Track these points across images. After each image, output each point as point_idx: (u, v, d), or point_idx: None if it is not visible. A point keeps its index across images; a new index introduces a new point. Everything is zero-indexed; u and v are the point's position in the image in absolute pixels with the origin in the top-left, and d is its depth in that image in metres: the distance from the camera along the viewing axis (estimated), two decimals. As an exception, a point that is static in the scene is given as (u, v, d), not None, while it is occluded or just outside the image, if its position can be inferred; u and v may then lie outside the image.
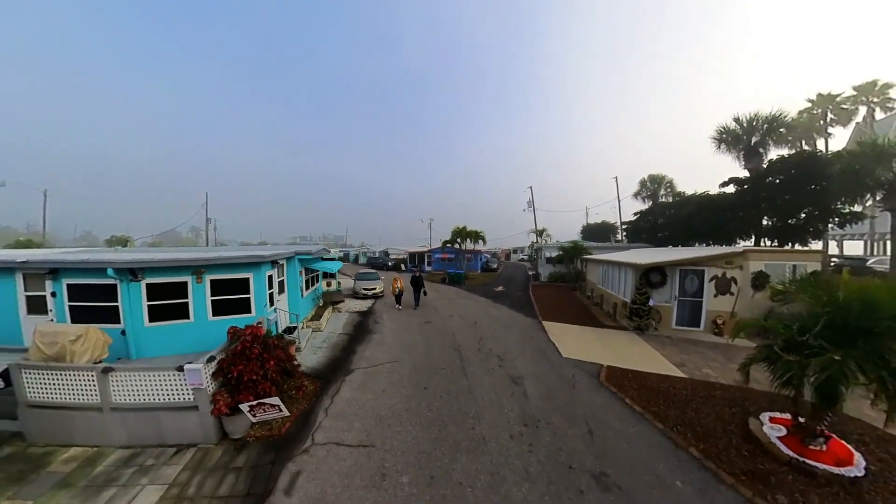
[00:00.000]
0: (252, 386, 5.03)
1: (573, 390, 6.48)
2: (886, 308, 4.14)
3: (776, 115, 17.95)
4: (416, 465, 4.32)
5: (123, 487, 4.27)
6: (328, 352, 9.07)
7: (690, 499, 3.91)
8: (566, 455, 4.52)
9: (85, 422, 5.18)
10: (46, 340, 5.32)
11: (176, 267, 7.27)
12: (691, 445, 4.96)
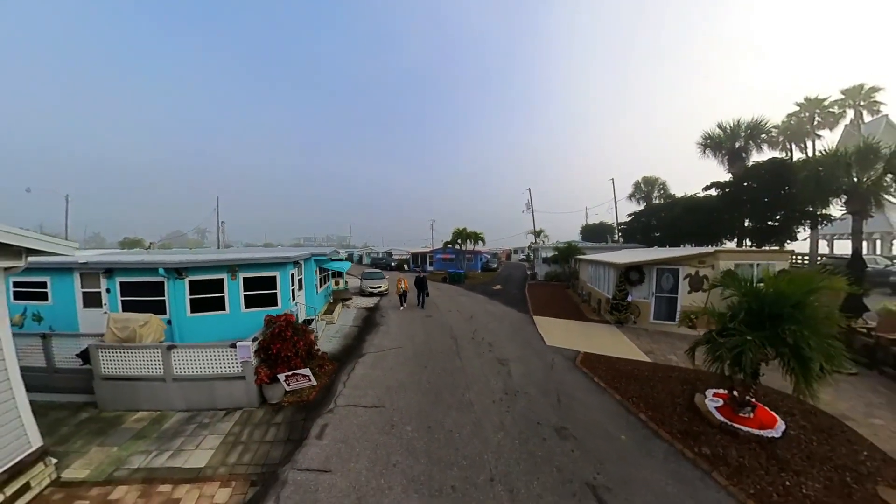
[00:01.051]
0: (286, 361, 6.22)
1: (551, 371, 7.62)
2: (790, 297, 5.21)
3: (758, 121, 18.89)
4: (417, 418, 5.50)
5: (189, 437, 5.46)
6: (341, 340, 10.27)
7: (629, 447, 5.02)
8: (536, 415, 5.66)
9: (150, 390, 6.37)
10: (119, 326, 6.53)
11: (215, 266, 8.50)
12: (641, 412, 6.06)
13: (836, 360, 4.72)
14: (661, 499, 4.00)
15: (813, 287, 5.00)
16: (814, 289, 5.00)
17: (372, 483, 4.10)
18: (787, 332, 4.70)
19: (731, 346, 5.00)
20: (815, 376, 4.55)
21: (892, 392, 7.22)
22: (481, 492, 3.94)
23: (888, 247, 29.18)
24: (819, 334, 4.61)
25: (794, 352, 4.63)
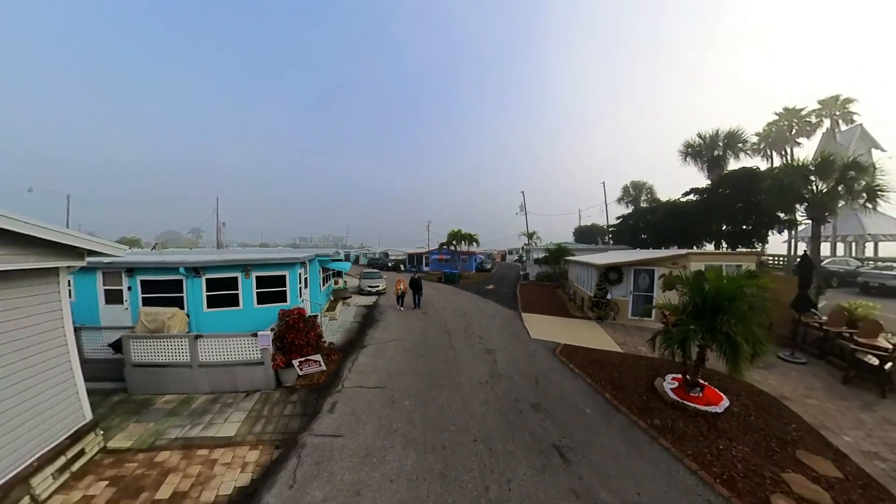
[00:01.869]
0: (299, 349, 7.03)
1: (532, 359, 8.51)
2: (726, 293, 6.13)
3: (734, 131, 19.98)
4: (414, 396, 6.34)
5: (217, 414, 6.24)
6: (344, 334, 11.08)
7: (593, 419, 5.89)
8: (515, 393, 6.53)
9: (177, 376, 7.13)
10: (149, 318, 7.30)
11: (230, 265, 9.27)
12: (606, 392, 6.95)
13: (762, 346, 5.63)
14: (614, 456, 4.88)
15: (742, 284, 5.92)
16: (743, 286, 5.91)
17: (377, 444, 4.94)
18: (722, 322, 5.61)
19: (678, 334, 5.90)
20: (743, 359, 5.45)
21: (833, 378, 8.15)
22: (466, 449, 4.79)
23: (861, 249, 30.53)
24: (746, 324, 5.52)
25: (727, 338, 5.53)
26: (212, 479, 4.54)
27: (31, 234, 4.10)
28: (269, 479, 4.42)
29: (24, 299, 4.41)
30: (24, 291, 4.39)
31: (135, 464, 5.00)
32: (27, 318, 4.42)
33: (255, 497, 4.14)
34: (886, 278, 18.63)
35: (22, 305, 4.37)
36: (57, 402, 4.81)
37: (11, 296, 4.24)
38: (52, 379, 4.74)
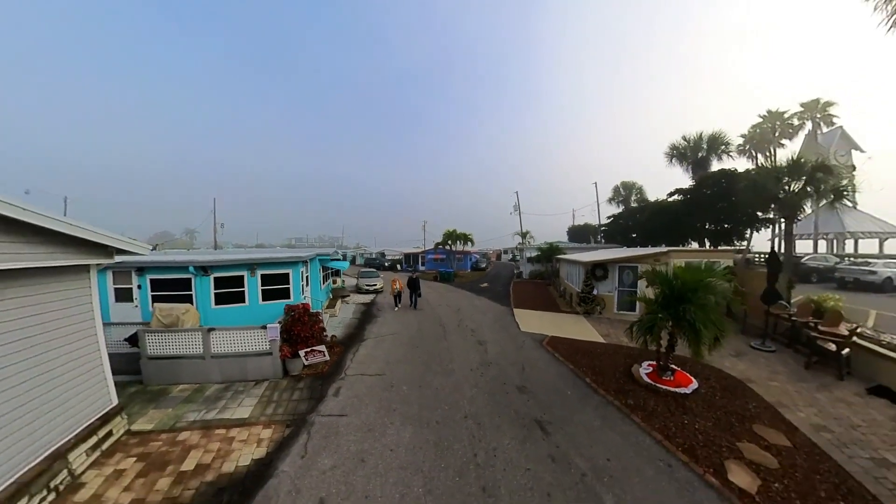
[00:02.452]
0: (305, 340, 7.54)
1: (520, 349, 9.10)
2: (690, 285, 6.75)
3: (717, 134, 20.74)
4: (411, 381, 6.90)
5: (230, 400, 6.75)
6: (344, 329, 11.59)
7: (572, 399, 6.48)
8: (503, 378, 7.12)
9: (190, 367, 7.62)
10: (164, 314, 7.78)
11: (237, 264, 9.76)
12: (587, 377, 7.54)
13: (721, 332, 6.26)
14: (589, 430, 5.46)
15: (703, 278, 6.55)
16: (704, 279, 6.54)
17: (378, 421, 5.49)
18: (686, 311, 6.22)
19: (647, 322, 6.51)
20: (703, 343, 6.06)
21: (797, 364, 8.79)
22: (457, 424, 5.35)
23: (842, 246, 31.55)
24: (706, 312, 6.14)
25: (690, 325, 6.15)
26: (231, 453, 5.07)
27: (72, 234, 4.61)
28: (282, 451, 4.95)
29: (63, 293, 4.90)
30: (62, 286, 4.89)
31: (159, 442, 5.50)
32: (65, 309, 4.92)
33: (271, 466, 4.67)
34: (860, 273, 19.47)
35: (61, 298, 4.87)
36: (89, 386, 5.30)
37: (53, 289, 4.73)
38: (84, 365, 5.24)
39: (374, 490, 4.06)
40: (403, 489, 4.05)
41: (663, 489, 4.24)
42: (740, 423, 5.93)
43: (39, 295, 4.55)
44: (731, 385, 7.44)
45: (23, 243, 4.21)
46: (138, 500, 4.29)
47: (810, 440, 5.49)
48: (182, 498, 4.27)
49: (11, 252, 4.06)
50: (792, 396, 6.99)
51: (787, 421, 6.04)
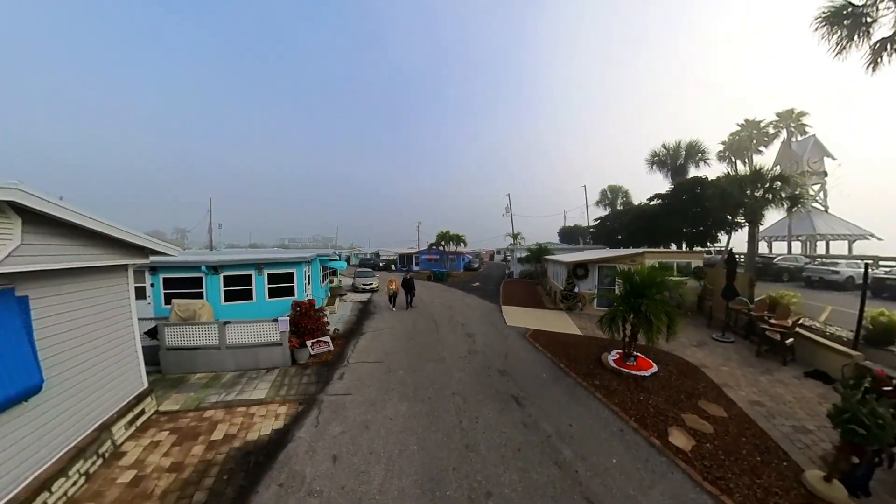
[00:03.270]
0: (311, 332, 8.37)
1: (505, 340, 10.05)
2: (646, 282, 7.76)
3: (694, 142, 22.03)
4: (406, 367, 7.79)
5: (245, 384, 7.55)
6: (344, 324, 12.41)
7: (547, 380, 7.43)
8: (487, 364, 8.07)
9: (206, 357, 8.39)
10: (182, 308, 8.54)
11: (245, 264, 10.54)
12: (562, 363, 8.51)
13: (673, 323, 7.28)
14: (558, 403, 6.41)
15: (655, 277, 7.57)
16: (657, 278, 7.57)
17: (378, 398, 6.37)
18: (641, 304, 7.23)
19: (610, 314, 7.50)
20: (655, 331, 7.07)
21: (750, 353, 9.85)
22: (446, 399, 6.26)
23: (813, 247, 33.24)
24: (658, 305, 7.15)
25: (645, 317, 7.15)
26: (253, 426, 5.90)
27: (119, 238, 5.40)
28: (297, 423, 5.81)
29: (108, 288, 5.69)
30: (107, 282, 5.68)
31: (187, 419, 6.30)
32: (109, 302, 5.70)
33: (289, 434, 5.52)
34: (825, 273, 20.85)
35: (106, 293, 5.65)
36: (126, 369, 6.08)
37: (100, 285, 5.52)
38: (123, 350, 6.02)
39: (377, 448, 4.95)
40: (401, 447, 4.95)
41: (614, 447, 5.20)
42: (688, 400, 6.93)
43: (91, 290, 5.34)
44: (687, 369, 8.46)
45: (79, 245, 4.99)
46: (177, 463, 5.10)
47: (744, 412, 6.50)
48: (215, 460, 5.10)
49: (72, 253, 4.85)
50: (738, 379, 8.02)
51: (728, 398, 7.05)
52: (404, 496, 4.06)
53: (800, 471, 4.89)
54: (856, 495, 4.45)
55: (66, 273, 4.79)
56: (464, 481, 4.29)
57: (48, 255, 4.35)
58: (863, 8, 10.34)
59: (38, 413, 4.27)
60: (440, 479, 4.31)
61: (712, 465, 4.96)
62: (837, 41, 11.01)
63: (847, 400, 4.34)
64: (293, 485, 4.38)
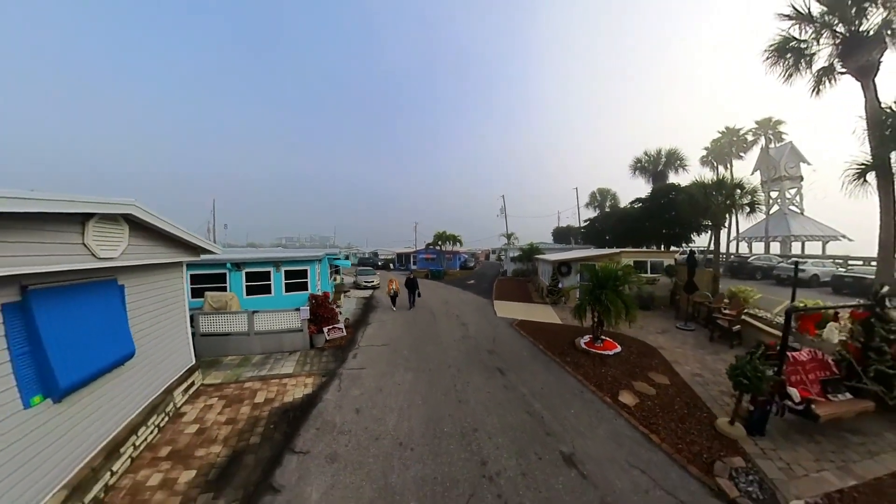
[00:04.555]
0: (326, 320, 9.77)
1: (494, 328, 11.54)
2: (606, 276, 9.28)
3: (674, 150, 23.71)
4: (409, 348, 9.25)
5: (273, 364, 8.92)
6: (352, 316, 13.81)
7: (527, 357, 8.90)
8: (478, 346, 9.55)
9: (236, 342, 9.74)
10: (215, 300, 9.88)
11: (265, 262, 11.89)
12: (541, 345, 9.99)
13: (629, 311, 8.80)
14: (533, 373, 7.88)
15: (614, 272, 9.10)
16: (615, 273, 9.10)
17: (387, 371, 7.80)
18: (602, 294, 8.75)
19: (579, 303, 9.02)
20: (614, 317, 8.59)
21: (705, 339, 11.40)
22: (443, 370, 7.72)
23: (789, 248, 35.27)
24: (615, 296, 8.67)
25: (604, 305, 8.68)
26: (287, 392, 7.30)
27: (184, 239, 6.77)
28: (323, 389, 7.21)
29: (170, 280, 7.04)
30: (170, 275, 7.03)
31: (230, 388, 7.67)
32: (172, 291, 7.06)
33: (318, 397, 6.92)
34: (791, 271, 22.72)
35: (170, 283, 7.01)
36: (181, 346, 7.43)
37: (166, 277, 6.88)
38: (179, 330, 7.37)
39: (390, 403, 6.39)
40: (408, 402, 6.40)
41: (573, 403, 6.68)
42: (641, 372, 8.42)
43: (160, 281, 6.70)
44: (646, 350, 9.98)
45: (158, 246, 6.35)
46: (231, 418, 6.48)
47: (684, 381, 7.99)
48: (261, 416, 6.49)
49: (154, 252, 6.20)
50: (688, 358, 9.54)
51: (675, 371, 8.55)
52: (412, 431, 5.51)
53: (714, 419, 6.42)
54: (753, 434, 5.96)
55: (147, 268, 6.17)
56: (457, 422, 5.75)
57: (141, 253, 5.72)
58: (805, 42, 11.98)
59: (130, 375, 5.63)
60: (439, 421, 5.77)
61: (648, 415, 6.45)
62: (785, 69, 12.63)
63: (739, 360, 5.88)
64: (327, 428, 5.81)
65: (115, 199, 4.53)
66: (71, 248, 4.13)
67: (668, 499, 4.37)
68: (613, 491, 4.42)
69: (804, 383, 6.50)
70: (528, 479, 4.55)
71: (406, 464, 4.72)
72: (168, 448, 5.52)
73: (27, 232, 3.58)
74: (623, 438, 5.66)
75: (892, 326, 6.60)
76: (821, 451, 5.35)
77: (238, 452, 5.35)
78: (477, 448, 5.10)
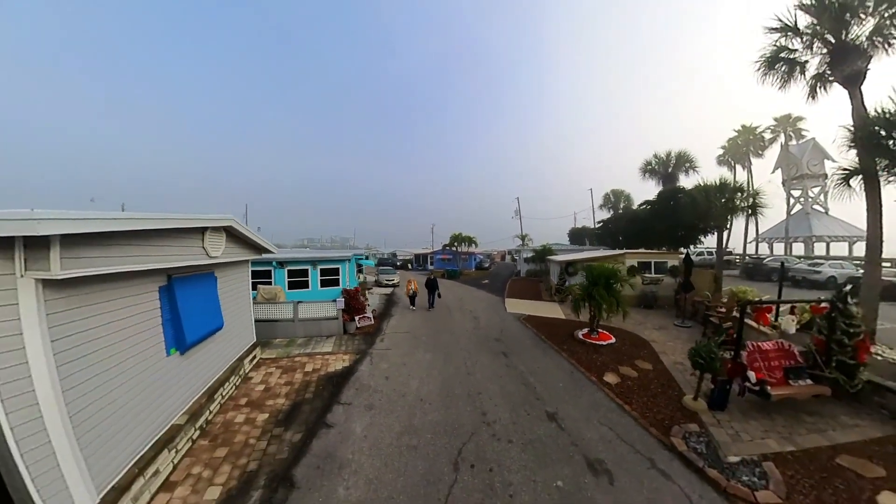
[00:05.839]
0: (357, 310, 11.51)
1: (503, 322, 12.96)
2: (602, 275, 10.50)
3: (683, 152, 24.17)
4: (428, 335, 10.83)
5: (315, 345, 10.70)
6: (377, 309, 15.60)
7: (529, 345, 10.28)
8: (487, 336, 11.00)
9: (284, 328, 11.60)
10: (266, 292, 11.81)
11: (304, 261, 13.80)
12: (543, 335, 11.31)
13: (619, 306, 10.01)
14: (533, 357, 9.26)
15: (608, 271, 10.31)
16: (608, 272, 10.31)
17: (410, 351, 9.41)
18: (594, 291, 10.01)
19: (576, 298, 10.31)
20: (605, 311, 9.83)
21: (699, 334, 12.35)
22: (457, 352, 9.26)
23: (811, 249, 34.47)
24: (606, 292, 9.90)
25: (596, 302, 9.93)
26: (329, 364, 9.01)
27: (255, 241, 8.60)
28: (358, 363, 8.88)
29: (241, 273, 8.89)
30: (241, 270, 8.89)
31: (284, 362, 9.46)
32: (241, 281, 8.91)
33: (354, 369, 8.58)
34: (808, 273, 22.79)
35: (241, 276, 8.85)
36: (247, 325, 9.26)
37: (239, 271, 8.72)
38: (246, 313, 9.22)
39: (412, 373, 7.98)
40: (427, 373, 7.96)
41: (563, 379, 8.02)
42: (628, 359, 9.59)
43: (235, 274, 8.53)
44: (639, 342, 11.10)
45: (237, 247, 8.17)
46: (288, 381, 8.22)
47: (666, 368, 9.11)
48: (312, 380, 8.20)
49: (235, 252, 8.02)
50: (675, 350, 10.57)
51: (660, 360, 9.66)
52: (430, 392, 7.06)
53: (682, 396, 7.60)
54: (713, 409, 7.09)
55: (230, 264, 8.00)
56: (465, 388, 7.26)
57: (230, 253, 7.53)
58: (796, 52, 12.58)
59: (219, 342, 7.41)
60: (451, 386, 7.30)
61: (626, 391, 7.68)
62: (780, 78, 13.27)
63: (698, 343, 7.07)
64: (363, 389, 7.44)
65: (220, 217, 6.33)
66: (195, 250, 5.92)
67: (627, 447, 5.66)
68: (583, 439, 5.78)
69: (763, 369, 7.56)
70: (517, 426, 5.99)
71: (425, 412, 6.28)
72: (245, 399, 7.30)
73: (173, 239, 5.36)
74: (600, 406, 6.95)
75: (853, 321, 7.42)
76: (772, 425, 6.27)
77: (297, 403, 7.06)
78: (479, 405, 6.59)
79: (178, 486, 4.71)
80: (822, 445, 5.56)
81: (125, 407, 4.31)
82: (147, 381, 4.80)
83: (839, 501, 4.39)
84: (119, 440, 4.17)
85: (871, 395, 6.72)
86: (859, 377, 6.73)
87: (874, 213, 10.00)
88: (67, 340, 3.52)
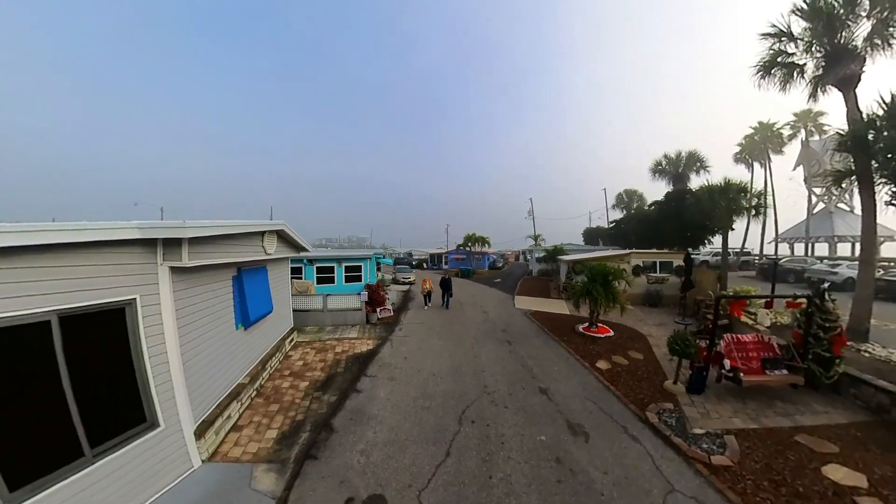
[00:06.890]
0: (378, 303, 12.91)
1: (511, 316, 14.06)
2: (601, 273, 11.43)
3: (693, 152, 24.35)
4: (441, 327, 12.11)
5: (342, 332, 12.15)
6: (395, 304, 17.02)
7: (532, 336, 11.34)
8: (495, 328, 12.15)
9: (314, 317, 13.12)
10: (299, 285, 13.39)
11: (331, 258, 15.35)
12: (548, 329, 12.33)
13: (615, 301, 10.93)
14: (535, 347, 10.35)
15: (606, 270, 11.24)
16: (607, 270, 11.23)
17: (425, 338, 10.70)
18: (591, 287, 10.97)
19: (575, 295, 11.31)
20: (601, 305, 10.78)
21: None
22: (466, 341, 10.47)
23: (834, 249, 33.45)
24: (603, 288, 10.85)
25: (594, 297, 10.90)
26: (355, 347, 10.41)
27: (297, 241, 10.11)
28: (380, 347, 10.24)
29: (283, 268, 10.41)
30: (284, 265, 10.40)
31: (317, 344, 10.91)
32: (284, 276, 10.43)
33: (377, 351, 9.93)
34: (825, 274, 22.58)
35: (284, 270, 10.37)
36: (287, 312, 10.78)
37: (282, 266, 10.22)
38: (286, 302, 10.74)
39: (427, 355, 9.27)
40: (439, 356, 9.23)
41: (559, 364, 9.09)
42: (622, 349, 10.48)
43: (280, 268, 10.03)
44: (635, 336, 11.96)
45: (282, 246, 9.68)
46: (322, 359, 9.63)
47: (656, 358, 9.96)
48: (342, 358, 9.59)
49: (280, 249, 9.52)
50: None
51: (651, 351, 10.51)
52: (442, 370, 8.32)
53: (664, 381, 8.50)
54: (691, 392, 7.95)
55: (277, 260, 9.50)
56: (471, 367, 8.48)
57: (278, 251, 9.04)
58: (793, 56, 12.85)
59: (269, 324, 8.85)
60: (460, 366, 8.53)
61: (615, 375, 8.65)
62: (781, 80, 13.63)
63: (676, 332, 7.99)
64: (386, 366, 8.77)
65: (275, 222, 7.87)
66: (257, 248, 7.41)
67: (606, 417, 6.67)
68: (568, 409, 6.86)
69: (739, 358, 8.30)
70: (513, 397, 7.15)
71: (437, 383, 7.55)
72: (288, 371, 8.76)
73: (244, 239, 6.84)
74: (588, 386, 7.96)
75: (829, 316, 8.02)
76: (743, 407, 6.96)
77: (331, 375, 8.45)
78: (482, 380, 7.79)
79: (245, 429, 6.13)
80: (785, 426, 6.09)
81: (212, 363, 5.77)
82: (224, 346, 6.27)
83: (786, 468, 5.06)
84: (208, 387, 5.62)
85: (848, 388, 7.21)
86: (835, 369, 7.26)
87: (868, 213, 10.33)
88: (184, 311, 4.97)
